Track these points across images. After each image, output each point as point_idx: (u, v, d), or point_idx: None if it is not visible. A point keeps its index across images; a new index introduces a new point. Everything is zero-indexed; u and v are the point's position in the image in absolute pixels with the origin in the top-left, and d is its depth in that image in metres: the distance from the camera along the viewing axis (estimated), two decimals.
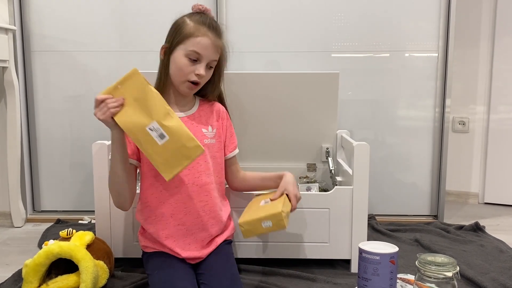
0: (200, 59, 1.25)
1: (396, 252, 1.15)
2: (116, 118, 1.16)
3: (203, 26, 1.25)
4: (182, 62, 1.24)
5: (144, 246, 1.34)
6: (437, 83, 2.09)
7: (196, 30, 1.24)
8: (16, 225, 2.04)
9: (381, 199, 2.15)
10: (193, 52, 1.24)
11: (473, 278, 1.41)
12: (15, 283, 1.42)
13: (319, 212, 1.49)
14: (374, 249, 1.14)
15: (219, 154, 1.36)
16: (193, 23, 1.25)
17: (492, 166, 2.40)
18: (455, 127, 2.44)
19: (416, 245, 1.77)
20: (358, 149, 1.47)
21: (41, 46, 2.10)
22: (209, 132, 1.33)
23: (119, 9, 2.08)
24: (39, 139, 2.14)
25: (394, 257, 1.14)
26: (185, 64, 1.24)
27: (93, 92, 2.11)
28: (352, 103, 2.11)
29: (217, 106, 1.40)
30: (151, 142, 1.15)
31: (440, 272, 1.08)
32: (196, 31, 1.24)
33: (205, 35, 1.24)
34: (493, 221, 2.12)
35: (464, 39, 2.35)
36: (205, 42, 1.24)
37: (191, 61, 1.24)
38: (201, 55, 1.24)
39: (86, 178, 2.14)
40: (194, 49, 1.23)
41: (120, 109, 1.15)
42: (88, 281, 1.24)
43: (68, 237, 1.36)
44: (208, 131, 1.33)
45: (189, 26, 1.25)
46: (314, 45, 2.08)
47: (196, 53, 1.24)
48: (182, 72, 1.25)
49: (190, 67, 1.25)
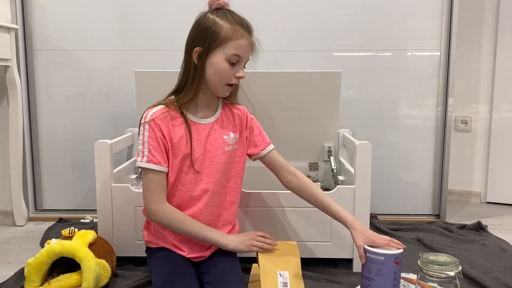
0: (240, 61, 1.24)
1: (400, 252, 1.14)
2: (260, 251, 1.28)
3: (240, 27, 1.22)
4: (223, 66, 1.21)
5: (147, 241, 1.34)
6: (439, 82, 2.09)
7: (235, 33, 1.20)
8: (18, 224, 2.04)
9: (383, 198, 2.14)
10: (235, 55, 1.21)
11: (475, 277, 1.41)
12: (17, 281, 1.42)
13: (321, 212, 1.49)
14: (379, 249, 1.14)
15: (241, 159, 1.34)
16: (228, 24, 1.21)
17: (495, 165, 2.40)
18: (457, 126, 2.44)
19: (418, 245, 1.76)
20: (360, 148, 1.47)
21: (43, 45, 2.10)
22: (230, 139, 1.31)
23: (121, 8, 2.08)
24: (41, 138, 2.15)
25: (398, 257, 1.13)
26: (226, 69, 1.22)
27: (95, 91, 2.11)
28: (354, 102, 2.11)
29: (239, 109, 1.36)
30: (272, 283, 1.19)
31: (442, 271, 1.08)
32: (235, 33, 1.20)
33: (243, 37, 1.22)
34: (495, 221, 2.12)
35: (467, 38, 2.34)
36: (245, 44, 1.22)
37: (231, 64, 1.22)
38: (241, 57, 1.23)
39: (88, 177, 2.14)
40: (236, 53, 1.21)
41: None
42: (90, 280, 1.24)
43: (70, 236, 1.36)
44: (230, 138, 1.31)
45: (226, 28, 1.20)
46: (316, 44, 2.08)
47: (238, 56, 1.22)
48: (224, 76, 1.22)
49: (230, 70, 1.22)
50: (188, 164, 1.24)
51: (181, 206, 1.27)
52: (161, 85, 1.36)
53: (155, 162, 1.20)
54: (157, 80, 1.70)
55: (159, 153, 1.21)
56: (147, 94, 1.38)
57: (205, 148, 1.27)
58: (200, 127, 1.27)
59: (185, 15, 2.00)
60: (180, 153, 1.23)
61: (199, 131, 1.27)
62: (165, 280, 1.21)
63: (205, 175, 1.27)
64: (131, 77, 1.85)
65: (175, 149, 1.24)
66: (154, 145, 1.21)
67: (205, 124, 1.28)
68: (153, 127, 1.21)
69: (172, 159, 1.24)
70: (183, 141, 1.24)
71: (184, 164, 1.24)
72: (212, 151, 1.28)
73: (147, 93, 1.40)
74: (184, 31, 1.26)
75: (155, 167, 1.21)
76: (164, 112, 1.24)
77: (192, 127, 1.25)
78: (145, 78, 1.74)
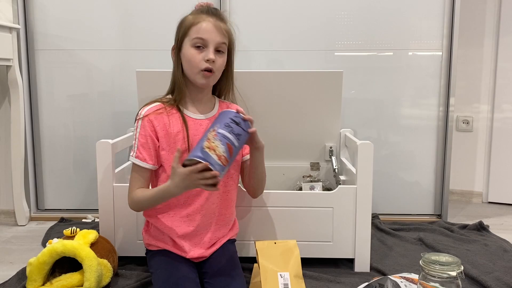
0: (206, 44, 1.23)
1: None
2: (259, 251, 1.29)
3: (202, 13, 1.25)
4: (190, 53, 1.24)
5: (147, 244, 1.34)
6: (441, 82, 2.08)
7: (196, 19, 1.24)
8: (20, 223, 2.05)
9: (384, 198, 2.14)
10: (197, 38, 1.23)
11: (477, 277, 1.41)
12: (19, 281, 1.42)
13: (323, 211, 1.49)
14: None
15: (238, 157, 1.35)
16: (192, 14, 1.27)
17: (496, 165, 2.40)
18: (459, 126, 2.44)
19: (420, 244, 1.76)
20: (362, 148, 1.47)
21: (45, 45, 2.10)
22: None
23: (122, 8, 2.08)
24: (43, 138, 2.15)
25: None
26: (193, 54, 1.23)
27: (97, 90, 2.12)
28: (356, 101, 2.11)
29: (234, 108, 1.38)
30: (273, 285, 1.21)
31: (444, 271, 1.08)
32: (196, 19, 1.24)
33: (205, 20, 1.24)
34: (497, 220, 2.11)
35: (468, 38, 2.34)
36: (207, 26, 1.23)
37: (198, 48, 1.23)
38: (205, 39, 1.23)
39: (89, 176, 2.14)
40: (198, 36, 1.23)
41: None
42: (92, 280, 1.24)
43: (72, 235, 1.37)
44: None
45: (189, 18, 1.26)
46: (318, 44, 2.08)
47: (200, 38, 1.23)
48: (193, 63, 1.23)
49: (199, 55, 1.23)
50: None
51: (183, 203, 1.27)
52: (163, 84, 1.36)
53: (141, 158, 1.25)
54: (158, 80, 1.69)
55: (146, 150, 1.25)
56: (149, 94, 1.38)
57: None
58: (197, 122, 1.29)
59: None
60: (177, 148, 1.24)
61: (196, 126, 1.28)
62: (166, 281, 1.21)
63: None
64: (132, 77, 1.86)
65: (172, 144, 1.25)
66: (143, 142, 1.25)
67: (202, 119, 1.30)
68: (144, 124, 1.25)
69: (169, 154, 1.25)
70: (180, 136, 1.25)
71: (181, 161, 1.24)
72: None
73: (148, 93, 1.40)
74: None
75: (140, 163, 1.25)
76: (159, 109, 1.27)
77: (188, 123, 1.27)
78: (147, 78, 1.74)
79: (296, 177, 1.91)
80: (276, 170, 1.92)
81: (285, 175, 1.92)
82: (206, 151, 1.10)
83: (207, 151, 1.10)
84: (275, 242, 1.33)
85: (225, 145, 1.12)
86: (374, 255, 1.60)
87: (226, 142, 1.12)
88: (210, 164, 1.09)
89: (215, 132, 1.12)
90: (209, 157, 1.09)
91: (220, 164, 1.11)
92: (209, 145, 1.10)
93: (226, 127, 1.14)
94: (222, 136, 1.12)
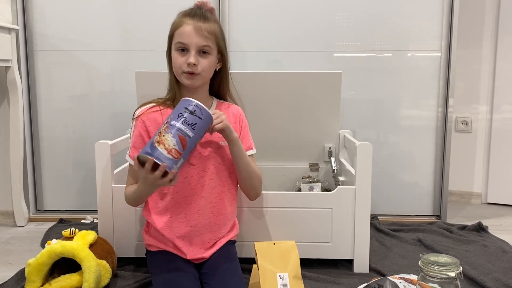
0: (187, 47, 1.25)
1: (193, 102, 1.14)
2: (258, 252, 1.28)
3: (185, 16, 1.27)
4: (174, 56, 1.27)
5: (148, 244, 1.34)
6: (440, 83, 2.09)
7: (178, 23, 1.27)
8: (19, 224, 2.04)
9: (383, 199, 2.14)
10: (179, 43, 1.25)
11: (476, 278, 1.41)
12: (18, 282, 1.42)
13: (322, 212, 1.49)
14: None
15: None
16: (178, 17, 1.28)
17: (495, 166, 2.40)
18: (458, 127, 2.44)
19: (419, 245, 1.76)
20: (361, 148, 1.47)
21: (44, 46, 2.10)
22: None
23: (122, 9, 2.08)
24: (42, 139, 2.15)
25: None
26: (176, 57, 1.27)
27: (96, 91, 2.12)
28: (355, 102, 2.11)
29: (235, 109, 1.39)
30: (272, 285, 1.21)
31: (443, 272, 1.08)
32: (178, 23, 1.26)
33: (185, 23, 1.25)
34: (496, 221, 2.12)
35: (467, 39, 2.34)
36: (186, 30, 1.24)
37: (181, 52, 1.26)
38: (185, 44, 1.25)
39: (88, 177, 2.14)
40: (179, 40, 1.25)
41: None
42: (90, 281, 1.24)
43: (71, 236, 1.36)
44: None
45: (174, 23, 1.28)
46: (317, 45, 2.08)
47: (181, 43, 1.25)
48: (176, 65, 1.27)
49: (181, 58, 1.26)
50: None
51: (182, 201, 1.27)
52: (162, 85, 1.36)
53: (132, 157, 1.28)
54: (157, 81, 1.69)
55: (137, 150, 1.27)
56: (148, 94, 1.39)
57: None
58: None
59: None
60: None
61: None
62: (166, 282, 1.21)
63: (200, 169, 1.27)
64: (131, 77, 1.86)
65: None
66: (134, 141, 1.29)
67: None
68: (137, 124, 1.29)
69: None
70: None
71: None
72: (207, 144, 1.29)
73: (147, 93, 1.40)
74: None
75: (131, 162, 1.29)
76: (152, 108, 1.30)
77: None
78: (146, 79, 1.74)
79: (295, 178, 1.91)
80: (275, 171, 1.92)
81: (284, 176, 1.92)
82: (155, 145, 1.08)
83: (155, 146, 1.08)
84: (274, 243, 1.33)
85: (176, 136, 1.09)
86: (373, 256, 1.60)
87: (177, 134, 1.09)
88: (157, 159, 1.06)
89: (167, 125, 1.11)
90: (156, 152, 1.07)
91: (171, 158, 1.07)
92: (159, 139, 1.09)
93: (178, 118, 1.11)
94: (173, 127, 1.10)
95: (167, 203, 1.28)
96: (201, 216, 1.28)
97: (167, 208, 1.28)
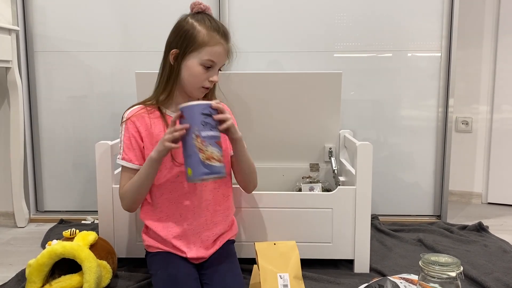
0: (214, 66, 1.27)
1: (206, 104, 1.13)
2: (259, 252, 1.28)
3: (216, 34, 1.25)
4: (197, 70, 1.25)
5: (147, 245, 1.34)
6: (440, 83, 2.09)
7: (211, 39, 1.24)
8: (19, 225, 2.05)
9: (384, 199, 2.14)
10: (209, 61, 1.25)
11: (476, 278, 1.41)
12: (19, 283, 1.42)
13: (322, 212, 1.49)
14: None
15: (226, 152, 1.34)
16: (206, 30, 1.24)
17: (496, 166, 2.40)
18: (458, 127, 2.44)
19: (420, 245, 1.76)
20: (361, 149, 1.47)
21: (44, 47, 2.10)
22: None
23: (122, 9, 2.08)
24: (42, 140, 2.15)
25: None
26: (200, 72, 1.25)
27: (96, 92, 2.12)
28: (355, 103, 2.11)
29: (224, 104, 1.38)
30: (273, 285, 1.21)
31: (443, 272, 1.08)
32: (211, 40, 1.24)
33: (219, 43, 1.25)
34: (496, 221, 2.12)
35: (467, 39, 2.34)
36: (220, 51, 1.26)
37: (206, 68, 1.25)
38: (215, 62, 1.26)
39: (89, 178, 2.14)
40: (210, 58, 1.24)
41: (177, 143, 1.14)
42: (91, 281, 1.24)
43: (71, 237, 1.36)
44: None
45: (202, 34, 1.24)
46: (317, 45, 2.08)
47: (212, 61, 1.25)
48: (198, 80, 1.26)
49: (204, 74, 1.26)
50: (169, 158, 1.26)
51: (176, 201, 1.27)
52: None
53: (127, 159, 1.28)
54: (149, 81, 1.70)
55: (131, 151, 1.27)
56: (148, 95, 1.39)
57: None
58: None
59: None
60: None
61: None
62: (166, 282, 1.21)
63: None
64: (132, 78, 1.86)
65: (154, 144, 1.25)
66: (127, 144, 1.28)
67: None
68: (128, 126, 1.29)
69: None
70: (161, 136, 1.23)
71: (165, 159, 1.24)
72: None
73: (147, 94, 1.40)
74: None
75: (126, 164, 1.28)
76: (140, 109, 1.30)
77: None
78: (146, 79, 1.73)
79: (295, 178, 1.91)
80: (275, 171, 1.92)
81: (285, 176, 1.92)
82: (207, 163, 1.09)
83: (208, 163, 1.09)
84: (274, 243, 1.33)
85: (215, 145, 1.11)
86: (374, 256, 1.60)
87: (214, 141, 1.11)
88: (219, 173, 1.10)
89: (200, 138, 1.10)
90: (215, 168, 1.09)
91: (223, 165, 1.11)
92: (205, 155, 1.09)
93: (205, 127, 1.11)
94: (209, 138, 1.10)
95: (162, 203, 1.28)
96: (196, 214, 1.28)
97: (162, 209, 1.29)
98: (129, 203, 1.29)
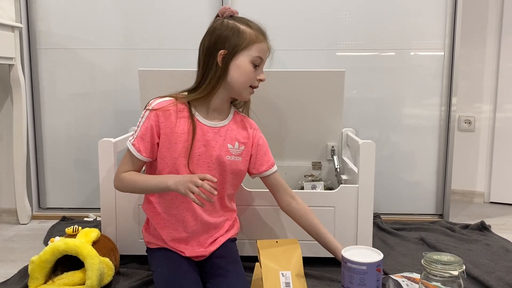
0: (261, 64, 1.28)
1: (381, 259, 1.13)
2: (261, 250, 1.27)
3: (260, 32, 1.27)
4: (249, 68, 1.24)
5: (147, 242, 1.34)
6: (443, 82, 2.08)
7: (257, 37, 1.25)
8: (22, 222, 2.05)
9: (386, 197, 2.14)
10: (258, 57, 1.25)
11: (478, 277, 1.41)
12: (21, 279, 1.42)
13: (324, 211, 1.49)
14: (360, 258, 1.12)
15: (243, 171, 1.33)
16: (250, 29, 1.25)
17: (498, 165, 2.39)
18: (461, 125, 2.43)
19: (422, 244, 1.76)
20: (364, 147, 1.46)
21: (47, 44, 2.10)
22: (234, 149, 1.29)
23: (125, 7, 2.08)
24: (45, 137, 2.15)
25: (380, 265, 1.12)
26: (250, 70, 1.25)
27: (99, 89, 2.12)
28: (358, 101, 2.11)
29: (250, 123, 1.36)
30: (275, 283, 1.20)
31: (446, 271, 1.08)
32: (257, 37, 1.25)
33: (265, 41, 1.27)
34: (498, 220, 2.11)
35: (471, 38, 2.34)
36: (265, 47, 1.27)
37: (255, 66, 1.26)
38: (263, 60, 1.28)
39: (91, 175, 2.15)
40: (259, 55, 1.25)
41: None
42: (93, 278, 1.24)
43: (74, 234, 1.37)
44: (234, 148, 1.29)
45: (249, 33, 1.24)
46: (319, 43, 2.08)
47: (261, 58, 1.26)
48: (249, 78, 1.25)
49: (254, 72, 1.26)
50: (184, 162, 1.23)
51: (182, 206, 1.27)
52: (165, 84, 1.36)
53: (136, 148, 1.24)
54: (160, 79, 1.70)
55: (143, 142, 1.24)
56: (151, 93, 1.39)
57: (206, 151, 1.25)
58: (205, 128, 1.26)
59: (189, 14, 2.01)
60: (177, 149, 1.23)
61: (203, 132, 1.25)
62: (167, 279, 1.21)
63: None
64: (134, 76, 1.86)
65: (172, 143, 1.23)
66: (143, 133, 1.24)
67: (212, 127, 1.27)
68: (150, 116, 1.23)
69: (168, 152, 1.23)
70: (182, 138, 1.23)
71: (179, 163, 1.23)
72: (213, 156, 1.26)
73: (150, 92, 1.41)
74: (188, 31, 1.27)
75: (134, 152, 1.24)
76: (170, 104, 1.25)
77: (196, 126, 1.25)
78: (149, 77, 1.74)
79: (298, 177, 1.91)
80: (278, 169, 1.91)
81: (287, 174, 1.92)
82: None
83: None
84: (276, 241, 1.33)
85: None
86: None
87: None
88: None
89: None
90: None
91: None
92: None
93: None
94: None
95: (166, 203, 1.27)
96: (197, 221, 1.27)
97: (166, 210, 1.28)
98: (121, 189, 1.29)
